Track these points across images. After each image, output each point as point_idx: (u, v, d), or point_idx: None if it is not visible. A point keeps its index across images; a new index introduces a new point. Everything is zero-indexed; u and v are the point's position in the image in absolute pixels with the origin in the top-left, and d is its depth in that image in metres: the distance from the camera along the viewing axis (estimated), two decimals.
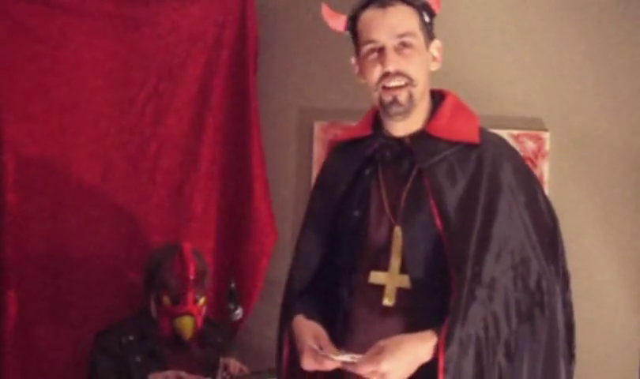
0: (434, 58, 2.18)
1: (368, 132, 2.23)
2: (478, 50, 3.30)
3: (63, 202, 3.24)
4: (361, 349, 2.05)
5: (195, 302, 3.00)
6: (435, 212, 2.08)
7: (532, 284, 2.06)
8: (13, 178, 3.18)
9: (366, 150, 2.21)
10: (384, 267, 2.13)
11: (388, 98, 2.10)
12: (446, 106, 2.19)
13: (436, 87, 2.29)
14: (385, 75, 2.09)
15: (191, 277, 3.00)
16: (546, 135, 3.25)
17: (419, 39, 2.12)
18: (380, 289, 2.12)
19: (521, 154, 3.15)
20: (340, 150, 2.31)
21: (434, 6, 2.18)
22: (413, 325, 2.06)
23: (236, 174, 3.40)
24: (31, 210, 3.20)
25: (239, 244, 3.38)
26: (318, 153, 3.39)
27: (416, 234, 2.10)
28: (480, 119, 2.24)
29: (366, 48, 2.12)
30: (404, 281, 2.10)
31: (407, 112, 2.13)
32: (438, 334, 1.98)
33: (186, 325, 2.99)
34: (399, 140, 2.17)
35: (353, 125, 2.35)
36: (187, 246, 3.05)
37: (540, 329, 2.05)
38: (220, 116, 3.39)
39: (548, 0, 3.29)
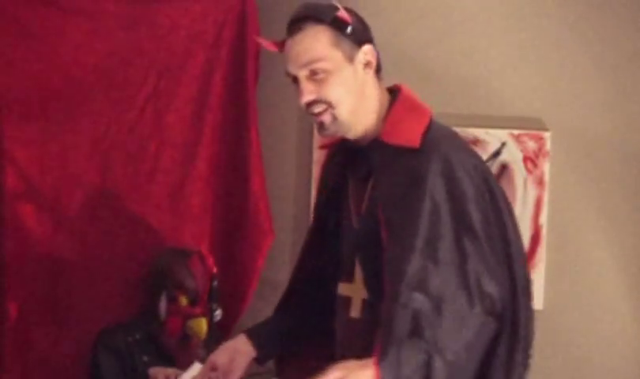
0: (366, 65, 2.09)
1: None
2: (478, 49, 3.29)
3: (63, 202, 3.23)
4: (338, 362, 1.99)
5: (209, 303, 3.02)
6: (380, 221, 2.01)
7: (482, 293, 1.95)
8: (12, 178, 3.17)
9: (343, 157, 2.19)
10: (350, 278, 2.11)
11: (316, 123, 2.08)
12: (395, 109, 2.11)
13: (437, 86, 2.28)
14: (307, 105, 2.05)
15: (214, 280, 3.01)
16: (547, 135, 3.25)
17: (332, 60, 2.04)
18: (348, 300, 2.10)
19: (521, 153, 3.22)
20: (331, 156, 2.30)
21: (345, 18, 2.06)
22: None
23: (234, 174, 3.39)
24: (31, 210, 3.19)
25: (236, 243, 3.38)
26: (318, 153, 3.38)
27: (369, 244, 2.05)
28: (480, 119, 2.23)
29: (290, 79, 2.10)
30: (365, 292, 2.07)
31: (338, 132, 2.08)
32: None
33: (202, 327, 2.99)
34: (361, 149, 2.12)
35: None
36: (205, 249, 3.08)
37: (494, 343, 1.96)
38: (219, 115, 3.39)
39: (549, 0, 3.28)
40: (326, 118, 2.06)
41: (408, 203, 1.99)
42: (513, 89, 3.28)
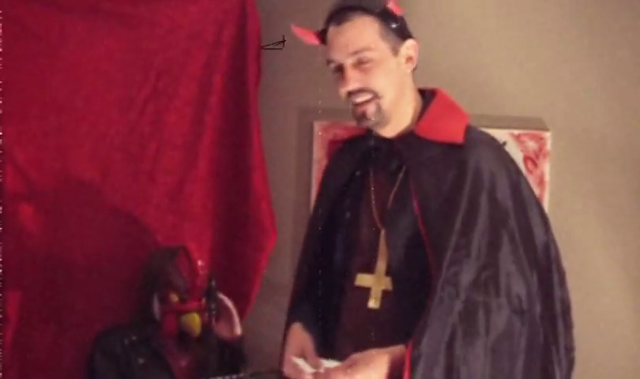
0: (408, 59, 2.15)
1: (363, 132, 2.24)
2: (478, 49, 3.29)
3: (62, 202, 3.23)
4: (350, 352, 2.05)
5: (201, 298, 3.02)
6: (418, 214, 2.06)
7: (510, 290, 2.03)
8: (11, 178, 3.17)
9: (359, 151, 2.22)
10: (371, 269, 2.13)
11: (358, 113, 2.12)
12: (434, 106, 2.18)
13: (436, 86, 2.29)
14: (349, 93, 2.10)
15: (200, 272, 3.03)
16: (547, 135, 3.24)
17: (379, 50, 2.10)
18: (366, 291, 2.13)
19: (521, 153, 3.21)
20: (340, 151, 2.32)
21: (394, 10, 2.14)
22: (398, 328, 2.06)
23: (236, 174, 3.39)
24: (30, 211, 3.19)
25: (238, 244, 3.38)
26: (318, 153, 3.39)
27: (399, 236, 2.10)
28: (480, 119, 2.24)
29: (330, 67, 2.14)
30: (389, 283, 2.11)
31: (379, 124, 2.13)
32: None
33: (195, 321, 3.00)
34: (388, 142, 2.17)
35: (353, 125, 2.31)
36: (192, 245, 3.08)
37: (520, 340, 2.02)
38: (219, 115, 3.38)
39: (550, 0, 3.28)
40: (371, 108, 2.10)
41: (456, 196, 2.06)
42: (514, 89, 3.28)
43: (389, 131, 2.16)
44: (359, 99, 2.10)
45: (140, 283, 3.14)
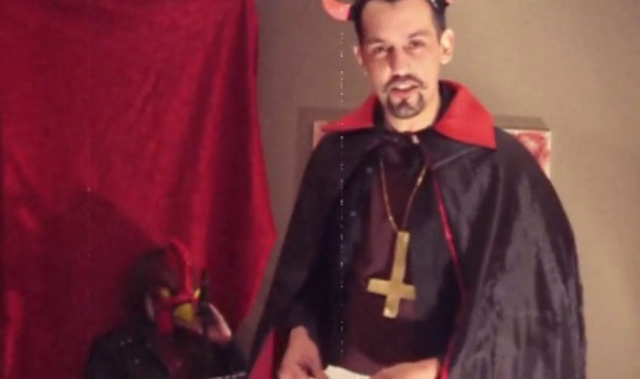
0: (444, 51, 2.00)
1: (369, 124, 2.06)
2: (479, 49, 3.29)
3: (62, 202, 3.23)
4: (361, 362, 1.97)
5: (192, 291, 3.02)
6: (445, 221, 1.93)
7: (546, 306, 1.94)
8: (10, 178, 3.17)
9: (366, 145, 2.03)
10: (385, 275, 1.99)
11: (397, 100, 1.94)
12: (459, 103, 2.03)
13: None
14: (395, 78, 1.93)
15: (188, 263, 3.03)
16: (547, 135, 3.25)
17: (431, 36, 1.94)
18: (380, 298, 1.98)
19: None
20: (334, 142, 2.13)
21: None
22: (416, 339, 1.95)
23: (235, 174, 3.39)
24: (30, 210, 3.19)
25: (237, 244, 3.37)
26: None
27: (424, 242, 1.95)
28: None
29: (373, 46, 1.95)
30: (408, 292, 1.97)
31: (416, 114, 1.97)
32: (442, 362, 1.85)
33: (188, 313, 3.00)
34: (405, 137, 2.01)
35: (348, 115, 2.17)
36: (177, 240, 3.10)
37: (554, 354, 1.95)
38: (219, 115, 3.38)
39: (550, 1, 3.29)
40: (412, 97, 1.94)
41: (490, 205, 1.94)
42: (514, 89, 3.28)
43: (407, 125, 2.00)
44: (403, 85, 1.93)
45: (130, 289, 3.14)
